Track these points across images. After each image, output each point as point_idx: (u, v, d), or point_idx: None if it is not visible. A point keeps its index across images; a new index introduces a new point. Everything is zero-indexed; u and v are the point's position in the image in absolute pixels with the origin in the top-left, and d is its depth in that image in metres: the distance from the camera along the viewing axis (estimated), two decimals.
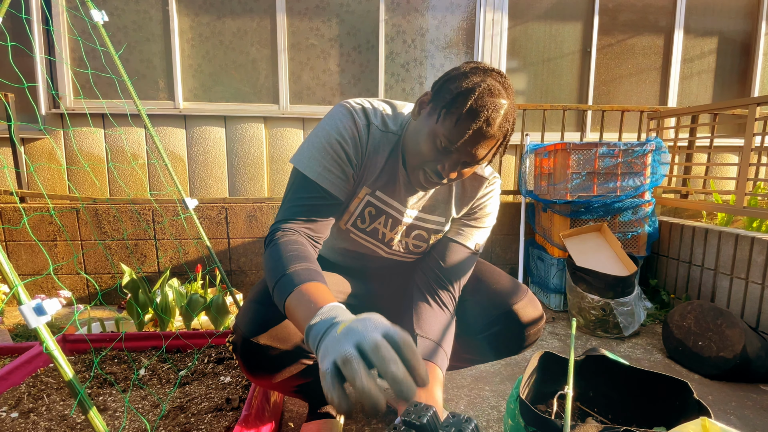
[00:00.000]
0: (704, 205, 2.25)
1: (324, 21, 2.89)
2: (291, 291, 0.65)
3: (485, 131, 0.72)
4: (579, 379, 1.03)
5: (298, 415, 1.24)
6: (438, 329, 0.89)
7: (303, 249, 0.75)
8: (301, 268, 0.69)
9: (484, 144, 0.74)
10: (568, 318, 2.11)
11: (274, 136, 2.91)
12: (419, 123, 0.79)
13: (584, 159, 2.11)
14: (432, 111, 0.76)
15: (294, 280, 0.67)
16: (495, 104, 0.71)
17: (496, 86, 0.72)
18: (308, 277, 0.67)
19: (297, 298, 0.64)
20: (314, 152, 0.81)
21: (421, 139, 0.77)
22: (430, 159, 0.77)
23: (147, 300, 1.68)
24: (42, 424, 1.01)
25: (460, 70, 0.75)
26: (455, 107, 0.71)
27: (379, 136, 0.85)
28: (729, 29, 3.23)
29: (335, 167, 0.81)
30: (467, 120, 0.71)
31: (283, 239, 0.75)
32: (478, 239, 0.96)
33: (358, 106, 0.84)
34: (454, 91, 0.72)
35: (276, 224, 0.80)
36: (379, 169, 0.87)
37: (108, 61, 2.60)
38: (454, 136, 0.72)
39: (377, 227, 0.93)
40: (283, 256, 0.72)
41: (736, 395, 1.41)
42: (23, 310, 0.64)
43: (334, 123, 0.82)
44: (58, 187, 2.76)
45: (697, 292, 2.03)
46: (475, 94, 0.70)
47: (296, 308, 0.63)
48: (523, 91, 3.16)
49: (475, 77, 0.72)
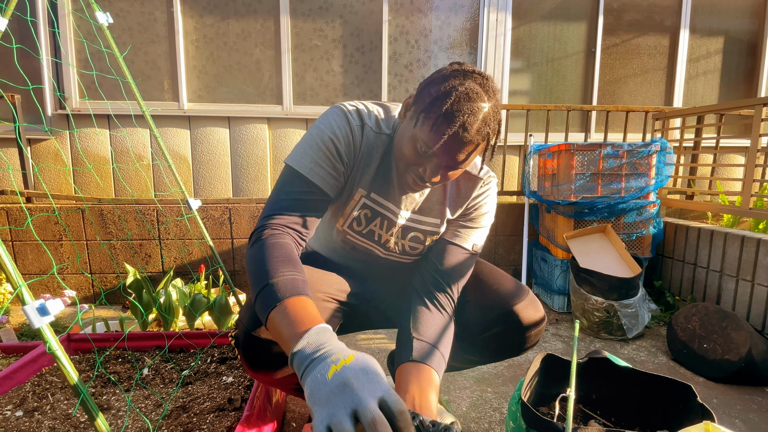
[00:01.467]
0: (710, 207, 2.23)
1: (327, 22, 2.90)
2: (275, 305, 0.63)
3: (462, 136, 0.71)
4: (581, 381, 1.03)
5: (300, 416, 1.24)
6: (435, 332, 0.88)
7: (288, 251, 0.73)
8: (286, 278, 0.67)
9: (462, 149, 0.73)
10: (572, 320, 2.10)
11: (278, 136, 2.92)
12: (404, 126, 0.80)
13: (588, 160, 2.09)
14: (413, 114, 0.76)
15: (278, 293, 0.64)
16: (472, 108, 0.70)
17: (474, 89, 0.71)
18: (294, 290, 0.65)
19: (281, 314, 0.62)
20: (306, 149, 0.82)
21: (404, 143, 0.78)
22: (413, 162, 0.78)
23: (151, 300, 1.69)
24: (46, 423, 1.02)
25: (441, 72, 0.74)
26: (432, 111, 0.71)
27: (373, 137, 0.86)
28: (735, 29, 3.20)
29: (326, 163, 0.82)
30: (443, 125, 0.70)
31: (270, 240, 0.74)
32: (476, 240, 0.96)
33: (353, 107, 0.85)
34: (433, 95, 0.71)
35: (263, 219, 0.79)
36: (373, 171, 0.87)
37: (113, 62, 2.62)
38: (431, 141, 0.72)
39: (373, 229, 0.93)
40: (267, 260, 0.70)
41: (742, 398, 1.39)
42: (27, 311, 0.64)
43: (328, 122, 0.83)
44: (63, 187, 2.78)
45: (702, 294, 2.02)
46: (451, 98, 0.69)
47: (280, 325, 0.61)
48: (527, 92, 3.15)
49: (454, 80, 0.71)
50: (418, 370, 0.82)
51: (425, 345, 0.86)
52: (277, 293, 0.64)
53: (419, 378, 0.81)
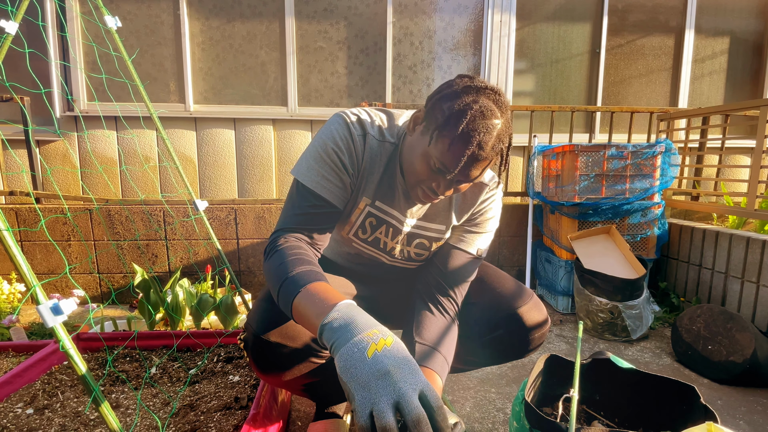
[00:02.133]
0: (715, 208, 2.22)
1: (332, 24, 2.91)
2: (298, 291, 0.65)
3: (477, 154, 0.71)
4: (585, 382, 1.03)
5: (305, 415, 1.25)
6: (437, 335, 0.89)
7: (305, 253, 0.75)
8: (305, 270, 0.69)
9: (477, 165, 0.74)
10: (576, 321, 2.10)
11: (283, 138, 2.94)
12: (414, 140, 0.80)
13: (593, 161, 2.09)
14: (425, 131, 0.76)
15: (299, 281, 0.67)
16: (487, 126, 0.70)
17: (488, 106, 0.71)
18: (314, 278, 0.68)
19: (305, 297, 0.64)
20: (311, 162, 0.83)
21: (416, 159, 0.78)
22: (426, 178, 0.78)
23: (158, 299, 1.71)
24: (56, 421, 1.03)
25: (452, 87, 0.74)
26: (447, 130, 0.71)
27: (377, 146, 0.86)
28: (741, 29, 3.18)
29: (332, 175, 0.82)
30: (459, 144, 0.70)
31: (284, 245, 0.76)
32: (481, 245, 0.96)
33: (354, 116, 0.85)
34: (447, 112, 0.71)
35: (276, 233, 0.81)
36: (377, 180, 0.88)
37: (121, 64, 2.65)
38: (446, 160, 0.72)
39: (378, 237, 0.94)
40: (285, 260, 0.72)
41: (746, 400, 1.39)
42: (41, 310, 0.66)
43: (330, 132, 0.83)
44: (72, 188, 2.81)
45: (707, 296, 2.01)
46: (467, 117, 0.69)
47: (306, 307, 0.63)
48: (531, 93, 3.15)
49: (467, 97, 0.71)
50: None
51: (427, 348, 0.86)
52: (299, 282, 0.67)
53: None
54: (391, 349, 0.53)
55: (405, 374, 0.51)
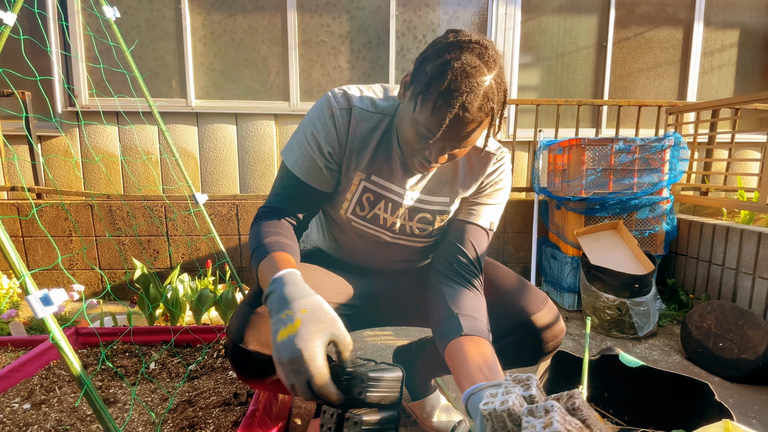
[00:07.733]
0: (725, 202, 2.18)
1: (334, 17, 2.88)
2: (263, 258, 0.73)
3: (463, 117, 0.67)
4: (593, 379, 1.00)
5: (306, 411, 1.23)
6: (476, 307, 0.83)
7: (281, 226, 0.82)
8: (274, 240, 0.77)
9: (466, 128, 0.69)
10: (582, 318, 2.06)
11: (285, 133, 2.91)
12: (403, 107, 0.76)
13: (599, 155, 2.06)
14: (411, 95, 0.72)
15: (267, 248, 0.75)
16: (471, 85, 0.65)
17: (471, 63, 0.65)
18: (279, 248, 0.74)
19: (264, 265, 0.72)
20: (294, 143, 0.85)
21: (406, 127, 0.74)
22: (417, 146, 0.74)
23: (158, 295, 1.69)
24: (53, 416, 1.02)
25: (436, 45, 0.69)
26: (429, 93, 0.67)
27: (367, 117, 0.83)
28: (751, 22, 3.12)
29: (308, 158, 0.83)
30: (442, 108, 0.66)
31: (265, 219, 0.83)
32: (492, 217, 0.91)
33: (340, 91, 0.83)
34: (429, 73, 0.67)
35: (261, 209, 0.87)
36: (371, 153, 0.84)
37: (121, 58, 2.63)
38: (432, 126, 0.69)
39: (378, 213, 0.90)
40: (262, 230, 0.80)
41: (759, 398, 1.35)
42: (30, 300, 0.64)
43: (311, 113, 0.84)
44: (73, 183, 2.80)
45: (717, 292, 1.97)
46: (447, 76, 0.64)
47: (259, 273, 0.73)
48: (537, 86, 3.11)
49: (449, 54, 0.66)
50: (476, 343, 0.75)
51: (473, 319, 0.80)
52: (267, 249, 0.75)
53: (480, 349, 0.74)
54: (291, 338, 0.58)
55: (297, 367, 0.57)
